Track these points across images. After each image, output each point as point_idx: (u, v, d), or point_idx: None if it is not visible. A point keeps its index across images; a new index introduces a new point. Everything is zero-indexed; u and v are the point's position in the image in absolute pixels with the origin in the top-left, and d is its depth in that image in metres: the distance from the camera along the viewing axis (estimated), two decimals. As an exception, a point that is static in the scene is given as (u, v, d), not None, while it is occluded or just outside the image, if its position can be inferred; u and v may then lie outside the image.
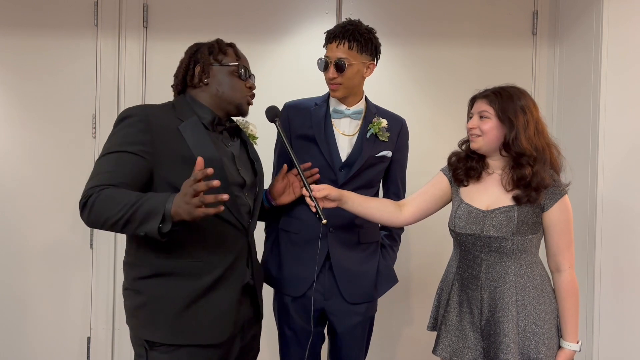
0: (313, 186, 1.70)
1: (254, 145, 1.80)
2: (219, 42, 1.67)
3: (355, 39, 1.82)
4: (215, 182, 1.26)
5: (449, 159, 1.81)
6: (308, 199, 1.68)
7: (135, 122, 1.48)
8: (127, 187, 1.42)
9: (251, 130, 1.82)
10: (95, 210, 1.38)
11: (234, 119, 1.75)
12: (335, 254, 1.87)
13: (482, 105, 1.69)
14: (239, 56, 1.67)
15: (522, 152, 1.63)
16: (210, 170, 1.27)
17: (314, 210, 1.68)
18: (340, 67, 1.81)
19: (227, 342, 1.56)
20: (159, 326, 1.49)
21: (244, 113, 1.68)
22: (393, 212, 1.81)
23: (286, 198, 1.86)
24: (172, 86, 1.69)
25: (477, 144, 1.69)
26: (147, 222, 1.33)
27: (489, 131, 1.66)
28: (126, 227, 1.37)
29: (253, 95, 1.70)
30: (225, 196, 1.29)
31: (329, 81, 1.85)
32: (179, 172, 1.46)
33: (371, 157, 1.89)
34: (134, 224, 1.35)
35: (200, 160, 1.29)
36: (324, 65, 1.85)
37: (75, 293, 2.73)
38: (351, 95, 1.90)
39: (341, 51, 1.82)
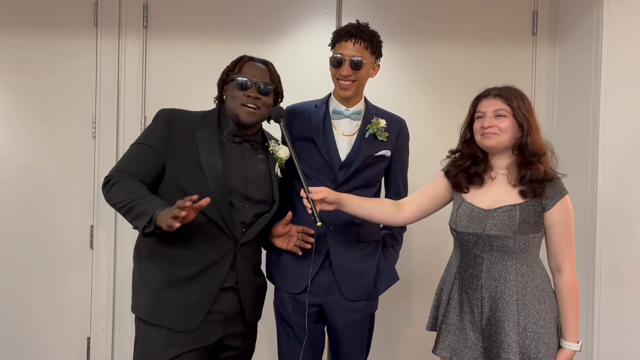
0: (311, 188, 1.71)
1: (280, 166, 1.85)
2: (237, 59, 1.81)
3: (369, 40, 1.87)
4: (193, 214, 1.54)
5: (447, 172, 1.80)
6: (305, 201, 1.70)
7: (159, 120, 1.74)
8: (141, 175, 1.68)
9: (279, 154, 1.85)
10: (111, 191, 1.66)
11: (269, 138, 1.88)
12: (335, 252, 1.88)
13: (497, 104, 1.68)
14: (242, 70, 1.77)
15: (538, 151, 1.65)
16: (188, 203, 1.49)
17: (310, 212, 1.70)
18: (357, 65, 1.84)
19: (199, 333, 1.66)
20: (141, 303, 1.69)
21: (243, 123, 1.75)
22: (393, 212, 1.82)
23: (280, 243, 1.88)
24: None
25: (494, 141, 1.67)
26: (139, 218, 1.58)
27: (507, 129, 1.66)
28: (126, 215, 1.63)
29: (253, 104, 1.73)
30: (206, 201, 1.53)
31: (343, 78, 1.87)
32: (185, 172, 1.68)
33: (369, 157, 1.90)
34: (131, 215, 1.61)
35: (198, 198, 1.51)
36: (338, 63, 1.86)
37: (75, 293, 2.72)
38: (354, 96, 1.92)
39: (357, 50, 1.85)
